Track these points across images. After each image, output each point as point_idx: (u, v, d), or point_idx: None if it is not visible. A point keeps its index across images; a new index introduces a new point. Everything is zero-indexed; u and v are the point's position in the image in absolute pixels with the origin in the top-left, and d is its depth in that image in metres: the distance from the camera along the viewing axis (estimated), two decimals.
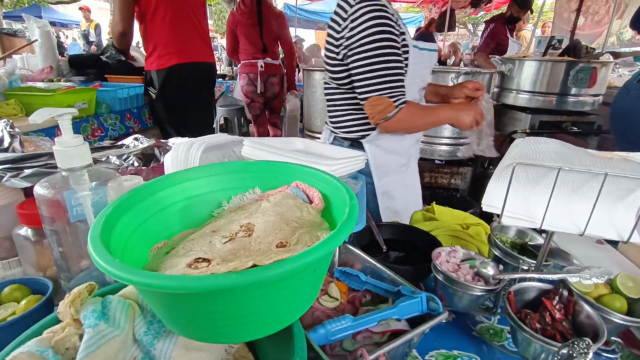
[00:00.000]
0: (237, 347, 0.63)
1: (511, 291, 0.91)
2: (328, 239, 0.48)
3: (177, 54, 2.99)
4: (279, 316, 0.53)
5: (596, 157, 0.90)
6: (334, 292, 0.94)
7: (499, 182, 0.90)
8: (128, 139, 1.38)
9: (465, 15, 15.39)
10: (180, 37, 2.97)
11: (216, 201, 0.72)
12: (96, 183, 0.83)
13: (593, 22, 7.04)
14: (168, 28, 2.90)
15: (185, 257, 0.53)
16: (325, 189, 0.68)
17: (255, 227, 0.59)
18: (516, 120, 3.08)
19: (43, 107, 0.75)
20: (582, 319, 0.85)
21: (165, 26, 2.89)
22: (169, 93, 3.03)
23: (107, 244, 0.49)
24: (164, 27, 2.89)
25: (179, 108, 3.13)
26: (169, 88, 3.04)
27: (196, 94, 3.21)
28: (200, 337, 0.54)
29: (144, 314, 0.60)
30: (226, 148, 1.18)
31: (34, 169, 1.03)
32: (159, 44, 2.94)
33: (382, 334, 0.80)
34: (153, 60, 2.99)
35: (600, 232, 0.84)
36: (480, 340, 1.00)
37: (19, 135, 1.24)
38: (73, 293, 0.56)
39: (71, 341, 0.53)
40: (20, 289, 0.88)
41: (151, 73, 3.04)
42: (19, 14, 10.77)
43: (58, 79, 3.06)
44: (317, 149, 1.15)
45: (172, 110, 3.07)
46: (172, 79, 3.02)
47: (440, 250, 1.04)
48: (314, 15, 14.77)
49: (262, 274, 0.42)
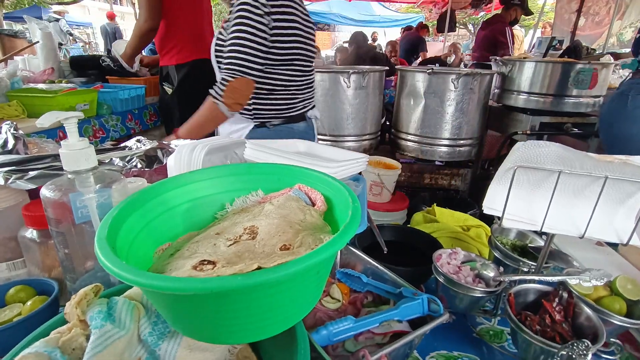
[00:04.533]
0: (241, 348, 0.63)
1: (511, 293, 0.91)
2: (331, 242, 0.49)
3: (197, 50, 2.99)
4: (283, 317, 0.54)
5: (597, 160, 0.91)
6: (335, 293, 0.95)
7: (500, 185, 0.91)
8: (131, 141, 1.38)
9: (466, 15, 15.39)
10: (199, 33, 3.01)
11: (219, 203, 0.73)
12: (101, 185, 0.84)
13: (593, 23, 7.04)
14: (191, 24, 2.94)
15: (190, 259, 0.53)
16: (327, 192, 0.69)
17: (259, 229, 0.60)
18: (517, 122, 3.08)
19: (45, 108, 0.76)
20: (581, 320, 0.85)
21: (188, 22, 2.92)
22: (187, 88, 3.02)
23: (114, 246, 0.50)
24: (187, 23, 2.92)
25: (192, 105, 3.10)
26: (188, 82, 3.02)
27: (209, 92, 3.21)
28: (204, 338, 0.54)
29: (149, 314, 0.61)
30: (228, 150, 1.18)
31: (38, 170, 1.03)
32: (181, 40, 2.96)
33: (384, 335, 0.81)
34: (173, 55, 2.99)
35: (601, 234, 0.85)
36: (480, 342, 1.01)
37: (22, 137, 1.25)
38: (79, 294, 0.56)
39: (78, 341, 0.54)
40: (26, 290, 0.88)
41: (168, 68, 3.03)
42: (20, 15, 10.77)
43: (59, 80, 3.06)
44: (318, 151, 1.15)
45: (186, 107, 3.07)
46: (192, 73, 3.02)
47: (441, 252, 1.05)
48: (314, 15, 14.64)
49: (267, 276, 0.43)
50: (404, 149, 3.10)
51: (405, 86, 2.96)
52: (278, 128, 1.93)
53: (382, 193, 2.24)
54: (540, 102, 2.92)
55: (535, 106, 2.94)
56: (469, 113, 2.85)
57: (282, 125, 1.93)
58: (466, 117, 2.85)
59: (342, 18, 15.07)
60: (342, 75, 2.72)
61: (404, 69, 3.06)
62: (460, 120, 2.85)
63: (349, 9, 14.98)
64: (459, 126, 2.87)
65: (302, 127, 2.01)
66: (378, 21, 15.65)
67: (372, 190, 2.24)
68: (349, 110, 2.83)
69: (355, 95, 2.81)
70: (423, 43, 8.33)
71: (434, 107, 2.83)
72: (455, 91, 2.76)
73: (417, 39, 8.32)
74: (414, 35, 8.43)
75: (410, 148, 3.03)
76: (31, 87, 2.62)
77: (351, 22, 15.23)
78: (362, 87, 2.79)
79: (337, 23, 15.89)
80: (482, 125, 2.99)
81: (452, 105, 2.80)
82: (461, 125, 2.87)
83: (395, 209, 2.26)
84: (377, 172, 2.17)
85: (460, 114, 2.83)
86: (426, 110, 2.88)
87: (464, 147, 2.94)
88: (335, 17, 15.07)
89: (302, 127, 2.00)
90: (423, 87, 2.83)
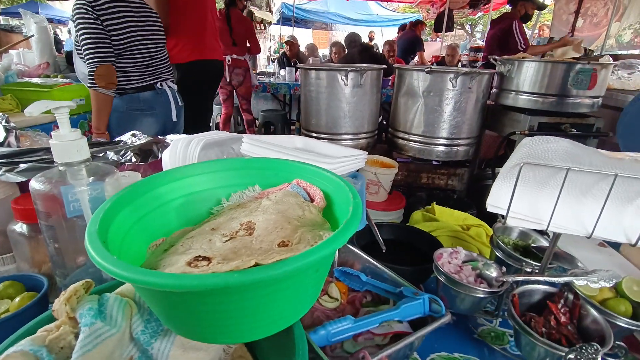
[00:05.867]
0: (236, 347, 0.62)
1: (516, 294, 0.89)
2: (332, 238, 0.47)
3: (198, 50, 3.16)
4: (281, 316, 0.52)
5: (607, 157, 0.88)
6: (334, 292, 0.93)
7: (505, 182, 0.88)
8: (125, 135, 1.36)
9: (463, 15, 15.40)
10: (201, 33, 3.17)
11: (215, 198, 0.72)
12: (93, 178, 0.82)
13: (592, 24, 7.04)
14: (195, 23, 3.06)
15: (184, 255, 0.52)
16: (326, 187, 0.67)
17: (256, 225, 0.58)
18: (515, 122, 3.06)
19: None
20: (587, 323, 0.83)
21: (192, 21, 3.04)
22: (185, 88, 3.08)
23: (105, 240, 0.48)
24: (192, 22, 3.04)
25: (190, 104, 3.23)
26: (186, 83, 3.11)
27: (207, 92, 3.45)
28: (199, 337, 0.53)
29: (141, 312, 0.59)
30: (225, 145, 1.16)
31: (29, 163, 1.01)
32: (182, 39, 3.08)
33: (384, 336, 0.79)
34: (174, 54, 3.06)
35: (608, 234, 0.83)
36: (481, 343, 0.99)
37: (14, 129, 1.23)
38: (69, 290, 0.54)
39: (66, 340, 0.52)
40: (14, 286, 0.86)
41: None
42: (16, 10, 10.73)
43: (55, 75, 3.04)
44: (316, 147, 1.14)
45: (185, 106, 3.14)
46: (191, 74, 3.16)
47: (442, 251, 1.03)
48: (311, 14, 14.76)
49: (265, 273, 0.41)
50: (401, 148, 3.07)
51: (403, 85, 2.93)
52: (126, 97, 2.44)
53: (379, 192, 2.23)
54: (538, 102, 2.90)
55: (534, 106, 2.92)
56: (467, 112, 2.83)
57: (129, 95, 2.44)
58: (464, 116, 2.83)
59: (339, 17, 15.06)
60: (339, 73, 2.70)
61: (402, 67, 3.05)
62: (458, 119, 2.83)
63: (347, 8, 14.97)
64: (456, 126, 2.85)
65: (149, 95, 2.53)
66: (375, 20, 15.64)
67: (369, 189, 2.22)
68: (346, 108, 2.81)
69: (352, 94, 2.79)
70: (420, 42, 8.30)
71: (431, 106, 2.81)
72: (454, 90, 2.74)
73: (414, 38, 8.28)
74: (411, 34, 8.39)
75: (408, 147, 3.01)
76: (26, 81, 2.61)
77: (348, 22, 15.22)
78: (359, 85, 2.77)
79: (335, 22, 15.85)
80: (480, 125, 2.97)
81: (450, 104, 2.78)
82: (459, 124, 2.85)
83: (392, 208, 2.24)
84: (374, 171, 2.15)
85: (458, 114, 2.81)
86: (424, 109, 2.86)
87: (462, 147, 2.92)
88: (332, 16, 15.05)
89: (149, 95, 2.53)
90: (421, 86, 2.81)
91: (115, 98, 2.37)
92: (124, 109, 2.42)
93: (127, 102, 2.42)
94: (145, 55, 2.44)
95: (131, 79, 2.41)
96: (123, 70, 2.34)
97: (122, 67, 2.34)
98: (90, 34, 2.12)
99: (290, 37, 8.18)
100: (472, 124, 2.90)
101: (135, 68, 2.41)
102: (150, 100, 2.53)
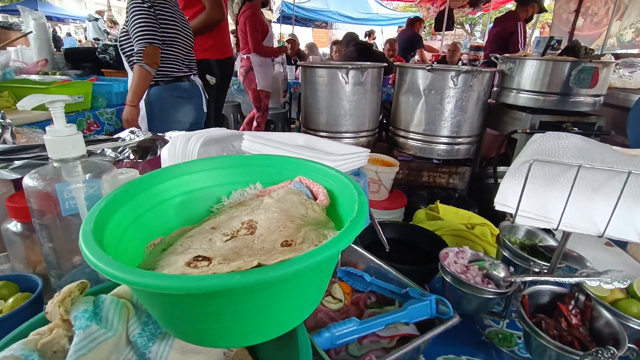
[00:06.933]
0: (237, 351, 0.61)
1: (525, 295, 0.87)
2: (338, 237, 0.46)
3: (226, 48, 3.64)
4: (284, 319, 0.51)
5: (621, 154, 0.86)
6: (337, 293, 0.91)
7: (514, 180, 0.86)
8: (124, 132, 1.34)
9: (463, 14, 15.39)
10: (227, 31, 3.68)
11: (215, 196, 0.70)
12: (90, 175, 0.79)
13: (592, 23, 7.02)
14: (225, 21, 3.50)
15: (183, 254, 0.50)
16: (330, 185, 0.66)
17: (258, 224, 0.57)
18: (516, 120, 3.04)
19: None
20: (599, 325, 0.81)
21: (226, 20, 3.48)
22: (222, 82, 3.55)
23: (100, 240, 0.47)
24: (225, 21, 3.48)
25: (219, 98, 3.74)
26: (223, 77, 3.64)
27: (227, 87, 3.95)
28: (198, 341, 0.51)
29: (139, 314, 0.58)
30: (225, 142, 1.15)
31: (24, 160, 0.99)
32: (219, 36, 3.52)
33: (390, 339, 0.77)
34: (214, 51, 3.51)
35: (620, 233, 0.80)
36: (489, 345, 0.97)
37: (10, 126, 1.21)
38: (63, 291, 0.53)
39: (60, 344, 0.50)
40: (8, 286, 0.84)
41: (209, 61, 3.51)
42: (15, 8, 10.72)
43: (53, 72, 3.03)
44: (318, 144, 1.12)
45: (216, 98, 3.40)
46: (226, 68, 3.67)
47: (447, 251, 1.01)
48: (311, 13, 14.76)
49: (268, 274, 0.40)
50: (402, 147, 3.06)
51: (404, 83, 2.92)
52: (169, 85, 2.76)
53: (380, 191, 2.22)
54: (540, 101, 2.89)
55: (535, 105, 2.91)
56: (468, 111, 2.82)
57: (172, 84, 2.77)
58: (465, 114, 2.82)
59: (339, 16, 15.07)
60: (340, 71, 2.69)
61: (403, 65, 3.03)
62: (459, 117, 2.82)
63: (347, 6, 15.01)
64: (457, 124, 2.84)
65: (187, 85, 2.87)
66: (375, 19, 15.64)
67: (370, 188, 2.21)
68: (346, 106, 2.80)
69: (353, 92, 2.78)
70: (419, 40, 8.29)
71: (432, 104, 2.80)
72: (455, 88, 2.73)
73: (413, 36, 8.27)
74: (410, 32, 8.37)
75: (409, 145, 3.00)
76: (24, 78, 2.59)
77: (348, 20, 15.24)
78: (360, 83, 2.76)
79: (335, 21, 15.88)
80: (481, 124, 2.96)
81: (452, 102, 2.77)
82: (460, 123, 2.84)
83: (392, 206, 2.23)
84: (375, 170, 2.14)
85: (459, 112, 2.80)
86: (425, 107, 2.84)
87: (463, 145, 2.91)
88: (332, 15, 15.07)
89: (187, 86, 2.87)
90: (422, 84, 2.80)
91: (159, 86, 2.68)
92: (168, 96, 2.72)
93: (170, 89, 2.73)
94: (182, 48, 2.75)
95: (172, 67, 2.71)
96: (166, 58, 2.64)
97: (166, 55, 2.63)
98: (144, 18, 2.43)
99: (291, 36, 8.18)
100: (473, 122, 2.89)
101: (177, 58, 2.72)
102: (189, 89, 2.85)
